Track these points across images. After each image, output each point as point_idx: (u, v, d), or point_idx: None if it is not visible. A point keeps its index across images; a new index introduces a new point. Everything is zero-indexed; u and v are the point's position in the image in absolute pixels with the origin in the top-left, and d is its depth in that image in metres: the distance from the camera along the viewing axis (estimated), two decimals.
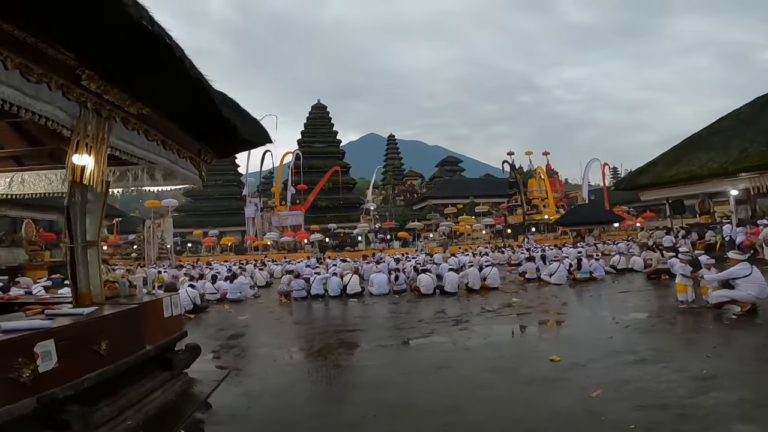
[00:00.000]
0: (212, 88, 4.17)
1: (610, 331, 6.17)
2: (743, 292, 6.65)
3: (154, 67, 3.43)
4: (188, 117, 4.60)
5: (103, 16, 2.68)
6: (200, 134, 5.16)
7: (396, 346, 6.72)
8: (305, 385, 5.01)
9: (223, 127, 4.75)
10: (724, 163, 15.94)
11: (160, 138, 4.54)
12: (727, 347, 5.15)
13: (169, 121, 4.55)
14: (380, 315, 9.74)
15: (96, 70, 3.34)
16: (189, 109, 4.36)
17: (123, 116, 3.89)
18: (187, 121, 4.70)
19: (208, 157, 5.82)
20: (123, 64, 3.38)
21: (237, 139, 5.23)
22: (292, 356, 6.66)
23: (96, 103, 3.51)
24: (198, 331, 8.81)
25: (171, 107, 4.32)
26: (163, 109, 4.31)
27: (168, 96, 4.05)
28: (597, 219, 27.94)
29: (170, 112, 4.42)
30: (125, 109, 3.86)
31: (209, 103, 4.09)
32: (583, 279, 12.43)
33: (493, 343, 6.37)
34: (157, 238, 25.63)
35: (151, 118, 4.24)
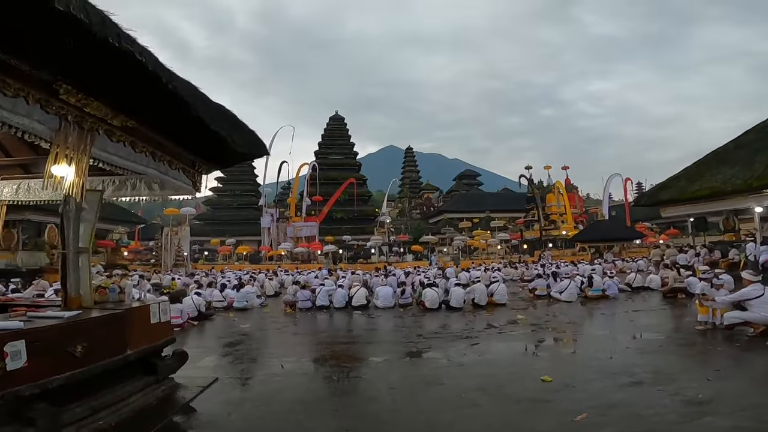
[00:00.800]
0: (200, 100, 4.24)
1: (612, 351, 5.87)
2: (756, 314, 6.28)
3: (128, 81, 3.50)
4: (176, 130, 4.65)
5: (66, 34, 2.74)
6: (191, 146, 5.20)
7: (390, 360, 6.60)
8: (291, 394, 4.93)
9: (214, 140, 4.77)
10: (749, 178, 15.25)
11: (148, 149, 4.59)
12: (732, 370, 4.82)
13: (157, 134, 4.61)
14: (381, 328, 9.61)
15: (74, 84, 3.42)
16: (175, 122, 4.41)
17: (107, 128, 3.96)
18: (175, 133, 4.75)
19: (204, 169, 5.89)
20: (98, 79, 3.46)
21: (230, 151, 5.27)
22: (284, 366, 6.57)
23: (77, 116, 3.59)
24: (197, 338, 8.93)
25: (156, 120, 4.38)
26: (149, 122, 4.37)
27: (150, 109, 4.11)
28: (617, 235, 27.08)
29: (157, 125, 4.48)
30: (108, 122, 3.93)
31: (194, 116, 4.12)
32: (595, 297, 11.99)
33: (488, 361, 6.18)
34: (174, 246, 26.16)
35: (137, 130, 4.31)
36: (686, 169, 18.85)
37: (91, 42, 2.79)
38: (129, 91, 3.74)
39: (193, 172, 5.66)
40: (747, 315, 6.39)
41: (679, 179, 18.52)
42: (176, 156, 5.11)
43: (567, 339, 7.22)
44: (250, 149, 5.75)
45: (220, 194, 48.41)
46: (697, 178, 17.58)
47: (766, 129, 17.59)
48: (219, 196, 48.44)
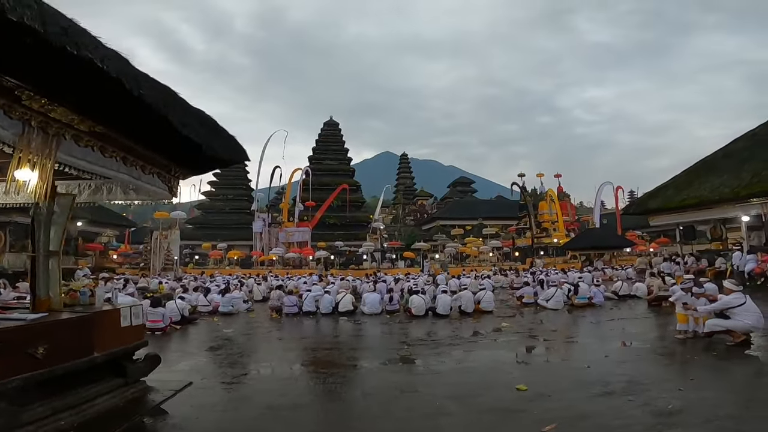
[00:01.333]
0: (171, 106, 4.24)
1: (589, 361, 5.84)
2: (740, 321, 6.31)
3: (91, 88, 3.50)
4: (147, 135, 4.62)
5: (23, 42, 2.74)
6: (165, 151, 5.15)
7: (368, 366, 6.55)
8: (263, 399, 4.89)
9: (188, 146, 4.74)
10: (736, 187, 15.37)
11: (119, 154, 4.55)
12: (707, 380, 4.80)
13: (128, 139, 4.56)
14: (364, 335, 9.54)
15: (37, 90, 3.39)
16: (145, 127, 4.39)
17: (74, 133, 3.93)
18: (147, 138, 4.71)
19: (181, 174, 5.84)
20: (61, 85, 3.46)
21: (207, 157, 5.23)
22: (260, 371, 6.53)
23: (41, 122, 3.56)
24: (178, 342, 8.87)
25: (126, 126, 4.35)
26: (119, 127, 4.33)
27: (118, 115, 4.09)
28: (607, 243, 27.17)
29: (126, 130, 4.44)
30: (75, 127, 3.89)
31: (165, 122, 4.13)
32: (581, 305, 11.98)
33: (465, 369, 6.14)
34: (164, 249, 25.93)
35: (106, 135, 4.27)
36: (675, 177, 18.99)
37: (49, 50, 2.81)
38: (93, 97, 3.73)
39: (169, 177, 5.61)
40: (729, 323, 6.40)
41: (667, 188, 18.64)
42: (149, 161, 5.06)
43: (548, 347, 7.18)
44: (228, 155, 5.74)
45: (213, 198, 48.16)
46: (685, 187, 17.70)
47: (755, 137, 17.75)
48: (212, 200, 48.18)
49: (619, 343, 7.16)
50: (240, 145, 5.97)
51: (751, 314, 6.35)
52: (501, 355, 6.74)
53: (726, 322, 6.44)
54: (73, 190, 5.75)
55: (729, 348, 6.13)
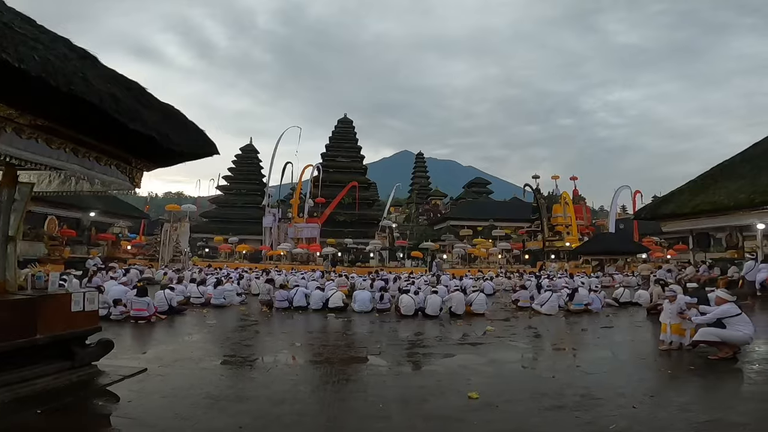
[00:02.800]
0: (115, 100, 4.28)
1: (559, 370, 5.54)
2: (737, 332, 5.90)
3: (17, 86, 3.57)
4: (93, 128, 4.65)
5: None
6: (118, 144, 5.17)
7: (331, 363, 6.43)
8: (206, 389, 4.83)
9: (140, 138, 4.77)
10: (752, 193, 14.56)
11: (68, 146, 4.59)
12: (668, 397, 4.43)
13: (75, 132, 4.59)
14: (343, 332, 9.42)
15: None
16: (88, 121, 4.42)
17: (15, 126, 4.00)
18: (93, 131, 4.74)
19: (143, 166, 5.85)
20: None
21: (166, 149, 5.30)
22: (221, 362, 6.46)
23: None
24: (156, 331, 8.96)
25: (69, 119, 4.38)
26: (62, 121, 4.37)
27: (56, 110, 4.13)
28: (620, 249, 26.24)
29: (70, 124, 4.47)
30: (15, 120, 3.96)
31: (107, 115, 4.17)
32: (578, 311, 11.54)
33: (427, 372, 5.94)
34: (173, 241, 26.38)
35: (51, 128, 4.32)
36: (690, 182, 18.16)
37: None
38: (23, 94, 3.79)
39: (130, 168, 5.65)
40: (725, 333, 5.97)
41: (682, 192, 17.84)
42: (105, 152, 5.11)
43: (522, 354, 6.85)
44: (193, 148, 5.84)
45: (227, 193, 48.89)
46: (699, 192, 16.89)
47: None
48: (226, 194, 48.92)
49: (598, 353, 6.82)
50: (209, 139, 6.02)
51: (748, 325, 5.97)
52: (470, 359, 6.47)
53: (722, 332, 6.01)
54: (42, 180, 5.88)
55: (710, 363, 5.72)
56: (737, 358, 5.86)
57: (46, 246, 21.86)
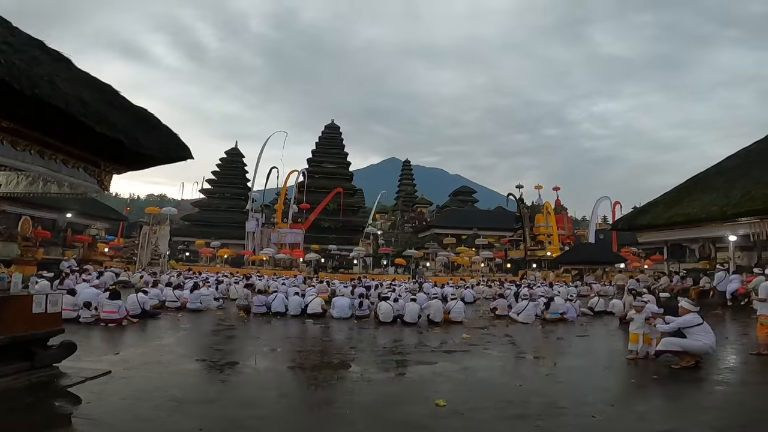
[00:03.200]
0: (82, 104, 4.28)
1: (528, 378, 5.60)
2: (697, 342, 6.00)
3: None
4: (59, 131, 4.62)
5: None
6: (86, 147, 5.12)
7: (302, 369, 6.39)
8: (168, 393, 4.77)
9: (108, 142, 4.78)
10: (724, 206, 15.00)
11: (34, 148, 4.55)
12: (628, 406, 4.51)
13: (41, 134, 4.54)
14: (322, 338, 9.33)
15: None
16: (54, 123, 4.40)
17: None
18: (60, 134, 4.71)
19: (113, 169, 5.82)
20: None
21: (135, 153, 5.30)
22: (190, 365, 6.36)
23: None
24: (126, 334, 8.79)
25: (34, 122, 4.35)
26: (27, 123, 4.33)
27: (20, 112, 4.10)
28: (599, 259, 26.72)
29: (36, 126, 4.43)
30: None
31: (73, 119, 4.19)
32: (553, 320, 11.67)
33: (398, 379, 5.94)
34: (151, 244, 25.88)
35: (17, 130, 4.28)
36: (666, 194, 18.63)
37: None
38: None
39: (99, 171, 5.62)
40: (686, 342, 6.10)
41: (657, 204, 18.29)
42: (72, 155, 5.08)
43: (494, 361, 6.89)
44: (165, 152, 5.84)
45: (210, 196, 48.29)
46: (674, 204, 17.34)
47: (749, 154, 17.36)
48: (209, 198, 48.31)
49: (568, 362, 6.91)
50: (182, 143, 6.02)
51: (709, 335, 6.08)
52: (443, 367, 6.47)
53: (683, 342, 6.14)
54: (11, 181, 5.84)
55: (673, 371, 5.84)
56: (700, 366, 5.99)
57: (20, 247, 21.18)
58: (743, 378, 5.76)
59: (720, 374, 5.87)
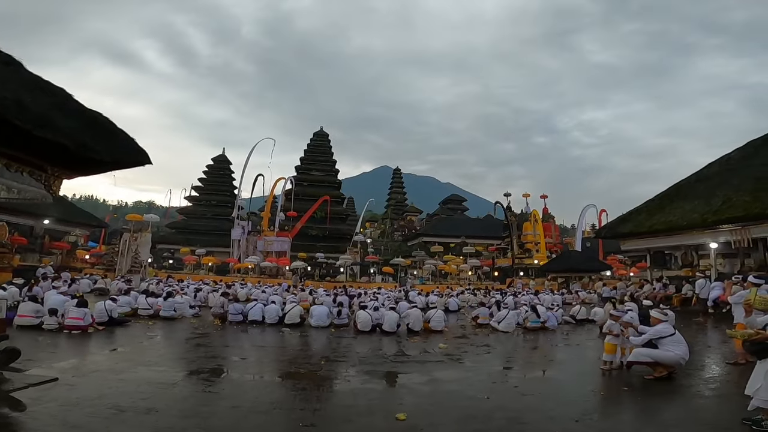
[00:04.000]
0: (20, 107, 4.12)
1: (496, 390, 5.37)
2: (669, 352, 5.83)
3: None
4: None
5: None
6: (30, 151, 4.92)
7: (260, 380, 6.13)
8: (118, 401, 4.63)
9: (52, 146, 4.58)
10: (705, 213, 15.04)
11: None
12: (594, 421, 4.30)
13: None
14: (293, 347, 9.05)
15: None
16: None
17: None
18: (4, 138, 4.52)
19: (61, 174, 5.61)
20: None
21: (84, 158, 5.12)
22: (141, 374, 6.08)
23: None
24: (89, 342, 8.58)
25: None
26: None
27: None
28: (585, 267, 26.78)
29: None
30: None
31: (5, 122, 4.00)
32: (534, 328, 11.48)
33: (362, 390, 5.66)
34: (131, 252, 25.32)
35: None
36: (648, 201, 18.68)
37: None
38: None
39: (46, 176, 5.45)
40: (657, 353, 5.93)
41: (639, 212, 18.32)
42: (14, 159, 4.91)
43: (465, 372, 6.63)
44: (119, 157, 5.72)
45: (196, 204, 47.64)
46: (656, 212, 17.38)
47: (729, 162, 17.49)
48: (195, 205, 47.65)
49: (540, 373, 6.72)
50: (139, 148, 5.87)
51: (681, 345, 5.92)
52: (411, 378, 6.23)
53: (654, 352, 5.97)
54: None
55: (646, 383, 5.65)
56: (674, 377, 5.81)
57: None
58: (719, 389, 5.56)
59: (694, 385, 5.69)
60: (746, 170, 15.70)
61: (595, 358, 6.80)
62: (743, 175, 15.52)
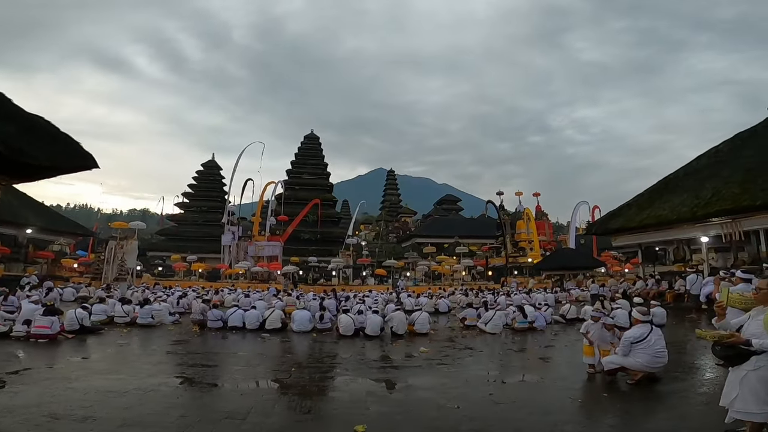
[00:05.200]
0: None
1: (468, 399, 5.00)
2: (632, 359, 5.43)
3: None
4: None
5: None
6: None
7: (218, 389, 5.72)
8: (57, 408, 4.43)
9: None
10: (695, 206, 14.76)
11: None
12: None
13: None
14: (267, 353, 8.67)
15: None
16: None
17: None
18: None
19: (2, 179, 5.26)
20: None
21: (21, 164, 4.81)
22: (93, 383, 5.70)
23: None
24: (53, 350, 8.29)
25: None
26: None
27: None
28: (578, 264, 26.44)
29: None
30: None
31: None
32: (521, 329, 11.14)
33: (327, 398, 5.36)
34: (117, 259, 24.83)
35: None
36: (638, 196, 18.41)
37: None
38: None
39: None
40: (622, 360, 5.53)
41: (629, 207, 18.04)
42: None
43: (440, 379, 6.24)
44: (61, 162, 5.44)
45: (187, 210, 47.15)
46: (646, 206, 17.10)
47: (717, 154, 17.24)
48: (186, 212, 47.16)
49: (519, 378, 6.37)
50: (83, 152, 5.62)
51: (647, 353, 5.34)
52: (382, 386, 5.88)
53: (619, 359, 5.57)
54: None
55: (630, 388, 5.30)
56: (659, 379, 5.46)
57: None
58: (708, 393, 5.09)
59: (681, 390, 5.31)
60: (736, 162, 15.47)
61: (579, 361, 6.46)
62: (733, 167, 15.28)
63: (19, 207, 24.58)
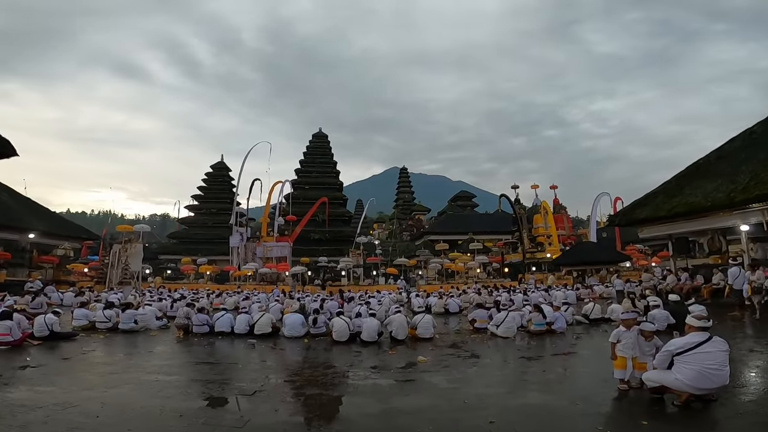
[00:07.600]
0: None
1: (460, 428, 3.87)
2: (674, 375, 4.17)
3: None
4: None
5: None
6: None
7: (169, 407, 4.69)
8: None
9: None
10: (731, 192, 13.17)
11: None
12: None
13: None
14: (244, 363, 7.69)
15: None
16: None
17: None
18: None
19: None
20: None
21: None
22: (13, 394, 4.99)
23: None
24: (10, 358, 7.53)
25: None
26: None
27: None
28: (600, 258, 24.72)
29: None
30: None
31: None
32: (538, 332, 9.83)
33: (283, 426, 4.21)
34: (121, 263, 24.35)
35: None
36: (665, 183, 16.79)
37: None
38: None
39: None
40: (661, 376, 4.31)
41: (656, 195, 16.44)
42: None
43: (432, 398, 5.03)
44: None
45: (197, 213, 46.89)
46: (676, 194, 15.50)
47: (752, 136, 15.52)
48: (196, 214, 46.91)
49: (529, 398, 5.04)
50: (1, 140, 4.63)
51: (694, 368, 4.06)
52: (361, 408, 4.75)
53: (659, 375, 4.32)
54: None
55: (672, 411, 4.05)
56: (714, 398, 4.19)
57: None
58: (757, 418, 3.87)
59: (742, 413, 4.03)
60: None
61: (607, 374, 5.20)
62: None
63: (22, 211, 24.35)
